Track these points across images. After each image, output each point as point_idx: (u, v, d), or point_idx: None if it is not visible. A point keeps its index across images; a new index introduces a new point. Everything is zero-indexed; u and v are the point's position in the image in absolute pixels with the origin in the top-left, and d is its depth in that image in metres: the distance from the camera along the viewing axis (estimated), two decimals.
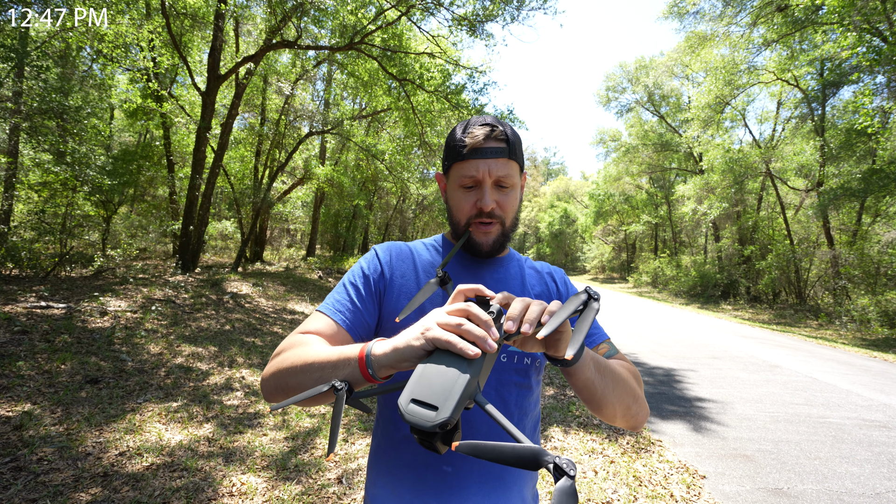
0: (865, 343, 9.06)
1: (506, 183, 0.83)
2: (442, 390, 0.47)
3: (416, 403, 0.47)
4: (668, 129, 23.56)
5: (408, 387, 0.49)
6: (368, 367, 0.59)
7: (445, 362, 0.50)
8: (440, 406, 0.46)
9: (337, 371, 0.62)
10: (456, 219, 0.87)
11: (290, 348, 0.74)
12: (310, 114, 13.72)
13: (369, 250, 0.94)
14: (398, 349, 0.56)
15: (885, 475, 2.96)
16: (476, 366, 0.50)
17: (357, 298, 0.84)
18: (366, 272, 0.87)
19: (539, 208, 48.35)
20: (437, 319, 0.55)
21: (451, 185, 0.87)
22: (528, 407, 0.86)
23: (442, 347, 0.52)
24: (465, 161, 0.82)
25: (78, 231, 8.28)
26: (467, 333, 0.52)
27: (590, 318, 0.56)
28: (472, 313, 0.55)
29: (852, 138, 12.15)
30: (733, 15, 13.41)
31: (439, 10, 9.35)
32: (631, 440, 3.38)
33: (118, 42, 8.46)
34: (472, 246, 0.87)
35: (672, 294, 19.24)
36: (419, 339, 0.54)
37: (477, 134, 0.80)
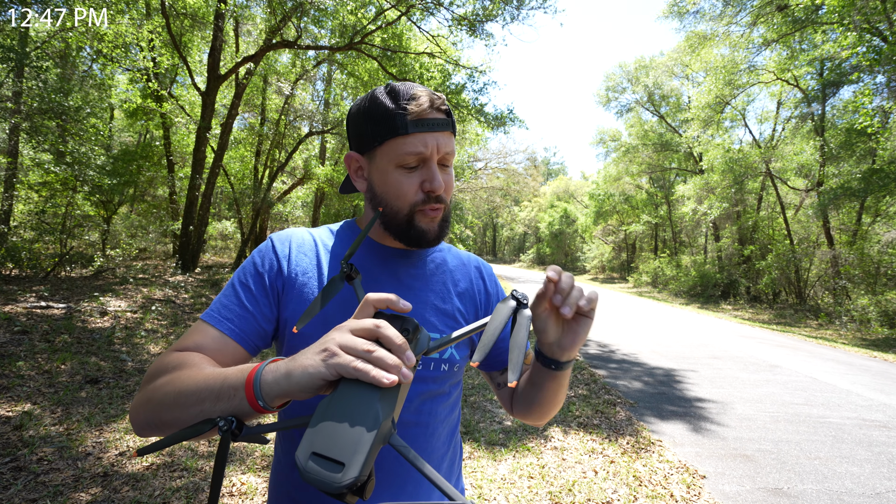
0: (865, 343, 9.06)
1: (448, 161, 0.72)
2: (349, 440, 0.39)
3: (318, 458, 0.39)
4: (668, 129, 23.56)
5: (306, 436, 0.40)
6: (258, 397, 0.48)
7: (352, 397, 0.42)
8: (346, 462, 0.38)
9: (220, 403, 0.50)
10: (395, 207, 0.71)
11: (164, 373, 0.60)
12: (310, 114, 13.72)
13: (266, 240, 0.78)
14: (292, 376, 0.46)
15: (885, 475, 2.96)
16: (389, 399, 0.43)
17: (248, 300, 0.69)
18: (259, 268, 0.72)
19: (539, 208, 48.34)
20: (341, 342, 0.45)
21: (381, 164, 0.70)
22: (443, 413, 0.77)
23: (349, 376, 0.43)
24: (408, 136, 0.67)
25: (78, 231, 8.28)
26: (378, 361, 0.44)
27: (525, 332, 0.50)
28: (384, 335, 0.46)
29: (852, 138, 12.15)
30: (733, 14, 13.41)
31: (439, 9, 9.35)
32: (631, 440, 3.38)
33: (118, 42, 8.46)
34: (413, 235, 0.72)
35: (672, 294, 19.25)
36: (319, 366, 0.44)
37: (422, 101, 0.67)
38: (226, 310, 0.68)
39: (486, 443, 3.22)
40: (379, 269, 0.76)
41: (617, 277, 30.85)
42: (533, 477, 2.77)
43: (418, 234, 0.72)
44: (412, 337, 0.49)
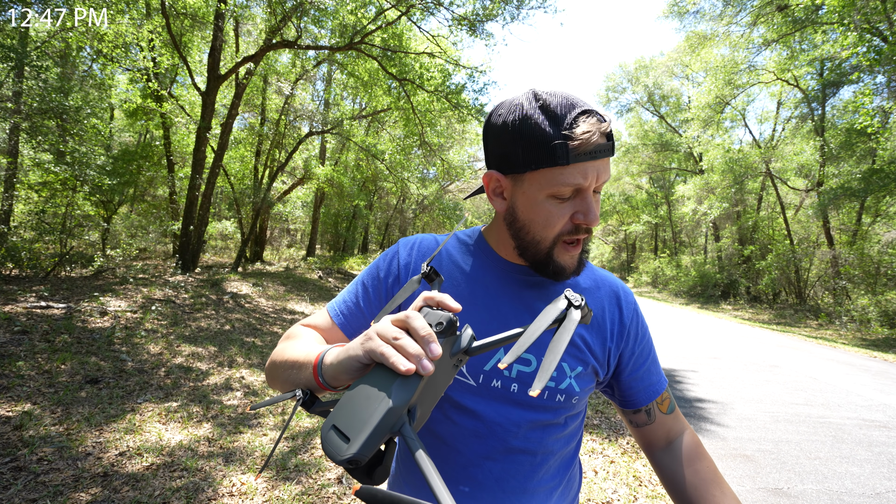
0: (865, 343, 9.06)
1: (601, 188, 0.66)
2: (358, 418, 0.41)
3: (335, 430, 0.41)
4: (668, 129, 23.56)
5: (333, 410, 0.44)
6: (320, 374, 0.54)
7: (374, 381, 0.44)
8: (352, 438, 0.40)
9: (301, 373, 0.58)
10: (540, 235, 0.66)
11: (287, 339, 0.73)
12: (310, 114, 13.73)
13: (395, 243, 0.81)
14: (339, 358, 0.51)
15: (885, 475, 2.96)
16: (406, 387, 0.43)
17: (363, 300, 0.76)
18: (380, 273, 0.77)
19: None
20: (378, 329, 0.48)
21: (531, 191, 0.64)
22: (555, 445, 0.72)
23: (377, 360, 0.46)
24: (567, 166, 0.60)
25: (78, 231, 8.28)
26: (400, 348, 0.45)
27: (568, 334, 0.47)
28: (411, 325, 0.46)
29: (852, 138, 12.15)
30: (733, 14, 13.42)
31: (439, 9, 9.35)
32: (631, 440, 3.38)
33: (118, 42, 8.46)
34: (551, 271, 0.68)
35: (672, 294, 19.24)
36: (357, 349, 0.49)
37: (590, 132, 0.59)
38: (343, 304, 0.77)
39: None
40: (500, 283, 0.72)
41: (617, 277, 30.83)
42: None
43: (556, 270, 0.68)
44: (446, 332, 0.48)
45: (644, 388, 0.79)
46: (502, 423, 0.68)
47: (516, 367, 0.69)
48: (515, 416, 0.68)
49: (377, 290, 0.76)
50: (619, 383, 0.79)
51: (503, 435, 0.69)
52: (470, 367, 0.69)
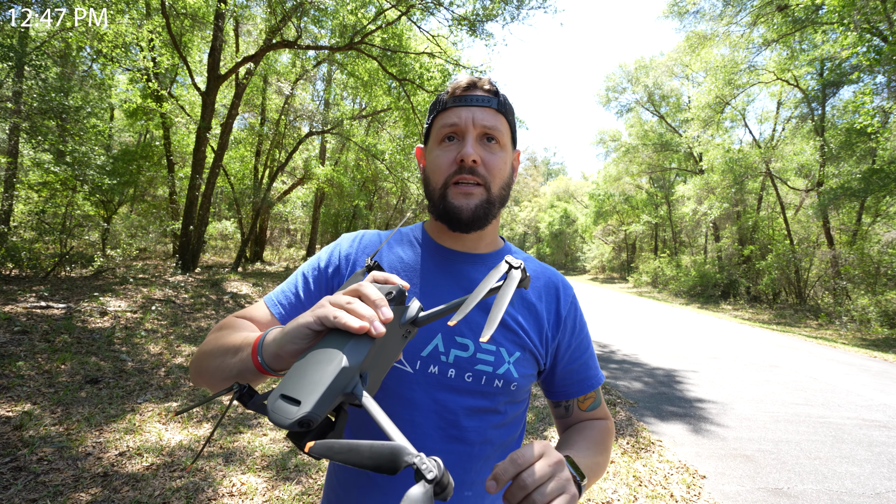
0: (865, 343, 9.06)
1: (493, 135, 0.71)
2: (309, 381, 0.40)
3: (283, 399, 0.40)
4: (668, 129, 23.56)
5: (281, 381, 0.43)
6: (260, 353, 0.52)
7: (325, 346, 0.44)
8: (303, 400, 0.39)
9: (235, 356, 0.56)
10: (434, 181, 0.72)
11: (220, 329, 0.68)
12: (310, 114, 13.73)
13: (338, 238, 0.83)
14: (286, 329, 0.50)
15: (885, 475, 2.96)
16: (358, 349, 0.44)
17: (304, 292, 0.74)
18: (321, 264, 0.77)
19: (539, 208, 48.35)
20: (330, 299, 0.49)
21: (430, 146, 0.74)
22: (494, 435, 0.71)
23: (329, 325, 0.46)
24: (447, 110, 0.71)
25: (78, 231, 8.27)
26: (352, 310, 0.46)
27: (510, 290, 0.50)
28: (364, 292, 0.48)
29: (852, 138, 12.15)
30: (733, 14, 13.41)
31: (439, 9, 9.34)
32: (631, 440, 3.38)
33: (118, 42, 8.46)
34: (447, 213, 0.70)
35: (672, 294, 19.24)
36: (307, 316, 0.48)
37: (460, 80, 0.72)
38: (283, 296, 0.74)
39: None
40: (438, 270, 0.75)
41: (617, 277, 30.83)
42: None
43: (452, 211, 0.70)
44: (395, 301, 0.50)
45: (577, 382, 0.80)
46: (438, 410, 0.68)
47: (454, 352, 0.69)
48: (452, 402, 0.68)
49: (318, 281, 0.75)
50: (553, 374, 0.79)
51: (439, 423, 0.68)
52: (407, 353, 0.68)
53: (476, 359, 0.69)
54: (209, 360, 0.62)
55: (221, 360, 0.58)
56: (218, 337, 0.64)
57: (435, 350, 0.68)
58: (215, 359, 0.60)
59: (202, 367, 0.63)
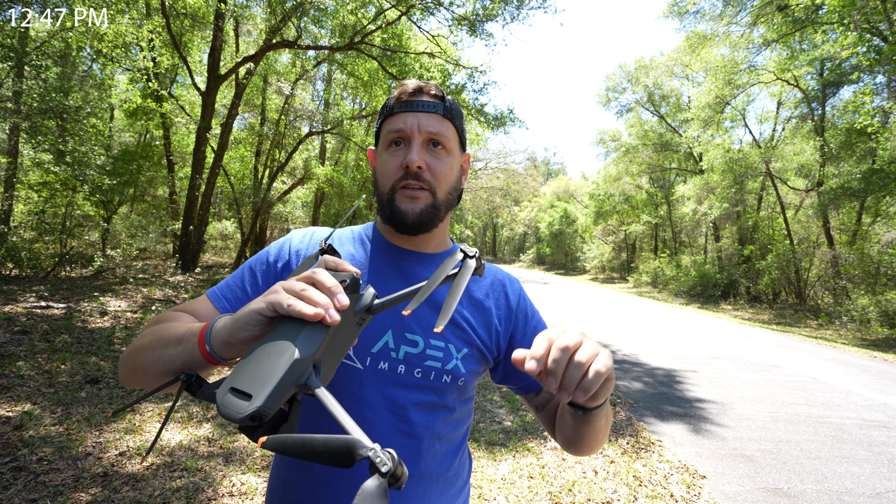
0: (865, 343, 9.06)
1: (439, 140, 0.72)
2: (262, 373, 0.39)
3: (233, 392, 0.38)
4: (668, 129, 23.55)
5: (231, 373, 0.41)
6: (208, 341, 0.50)
7: (278, 335, 0.43)
8: (254, 394, 0.38)
9: (178, 347, 0.53)
10: (382, 185, 0.73)
11: (158, 323, 0.64)
12: (310, 114, 13.73)
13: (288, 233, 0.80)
14: (236, 316, 0.48)
15: (885, 475, 2.96)
16: (312, 338, 0.42)
17: (250, 286, 0.72)
18: (270, 258, 0.75)
19: (539, 208, 48.34)
20: (283, 285, 0.47)
21: (379, 150, 0.76)
22: (442, 429, 0.73)
23: (283, 312, 0.44)
24: (394, 115, 0.72)
25: (78, 231, 8.28)
26: (306, 298, 0.44)
27: (465, 279, 0.50)
28: (318, 279, 0.47)
29: (852, 138, 12.15)
30: (733, 14, 13.41)
31: (439, 9, 9.34)
32: (631, 440, 3.38)
33: (118, 42, 8.46)
34: (394, 216, 0.72)
35: (672, 294, 19.24)
36: (259, 303, 0.46)
37: (406, 85, 0.73)
38: (228, 289, 0.72)
39: (486, 443, 3.22)
40: (389, 268, 0.76)
41: (617, 277, 30.83)
42: (533, 477, 2.77)
43: (396, 215, 0.71)
44: (350, 288, 0.50)
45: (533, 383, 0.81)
46: (388, 406, 0.68)
47: (404, 348, 0.70)
48: (402, 398, 0.69)
49: (266, 275, 0.73)
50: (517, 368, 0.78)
51: (389, 419, 0.68)
52: (357, 350, 0.68)
53: (426, 355, 0.70)
54: (146, 354, 0.57)
55: (162, 351, 0.54)
56: (156, 330, 0.60)
57: (385, 346, 0.69)
58: (154, 351, 0.56)
59: (137, 363, 0.59)
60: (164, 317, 0.66)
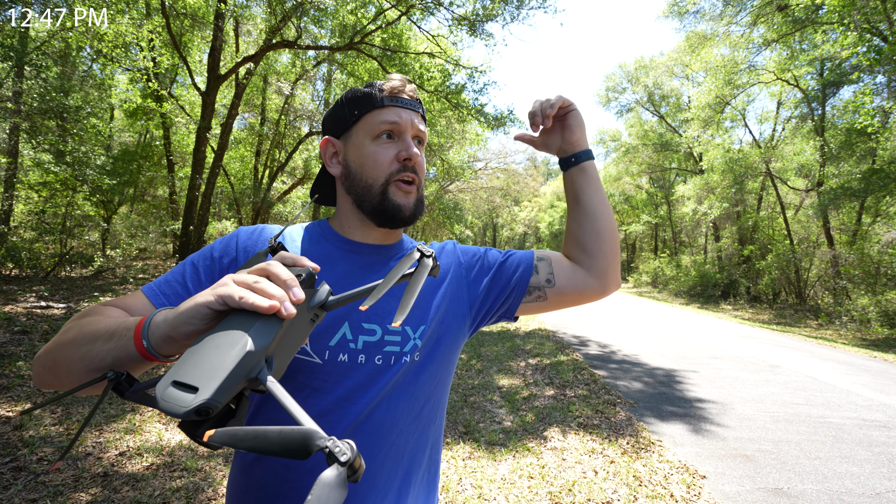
0: (865, 343, 9.06)
1: (422, 138, 0.75)
2: (209, 366, 0.37)
3: (176, 386, 0.36)
4: (668, 129, 23.55)
5: (173, 367, 0.38)
6: (146, 336, 0.46)
7: (228, 328, 0.40)
8: (201, 386, 0.35)
9: (109, 342, 0.49)
10: (370, 178, 0.71)
11: (84, 317, 0.58)
12: (310, 114, 13.73)
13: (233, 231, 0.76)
14: (180, 310, 0.45)
15: (885, 475, 2.96)
16: (265, 331, 0.41)
17: (192, 282, 0.67)
18: (214, 254, 0.70)
19: (539, 208, 48.31)
20: (234, 277, 0.45)
21: (358, 139, 0.72)
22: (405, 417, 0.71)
23: (233, 305, 0.42)
24: (384, 108, 0.71)
25: (78, 231, 8.28)
26: (261, 290, 0.43)
27: (422, 277, 0.50)
28: (272, 272, 0.45)
29: (852, 138, 12.15)
30: (733, 14, 13.41)
31: (439, 9, 9.34)
32: (631, 440, 3.38)
33: (118, 42, 8.46)
34: (387, 210, 0.71)
35: (672, 294, 19.24)
36: (206, 296, 0.44)
37: (396, 81, 0.72)
38: (167, 285, 0.66)
39: (486, 443, 3.22)
40: (347, 264, 0.73)
41: None
42: (533, 477, 2.77)
43: (393, 209, 0.71)
44: (305, 284, 0.48)
45: (520, 278, 0.82)
46: (349, 397, 0.67)
47: (362, 338, 0.69)
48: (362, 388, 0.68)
49: (209, 271, 0.68)
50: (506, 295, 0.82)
51: (351, 409, 0.67)
52: (314, 344, 0.67)
53: (384, 341, 0.70)
54: (69, 350, 0.52)
55: (88, 347, 0.50)
56: (82, 324, 0.54)
57: (343, 338, 0.68)
58: (79, 347, 0.51)
59: (58, 360, 0.53)
60: (92, 310, 0.60)
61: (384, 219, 0.72)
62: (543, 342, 6.88)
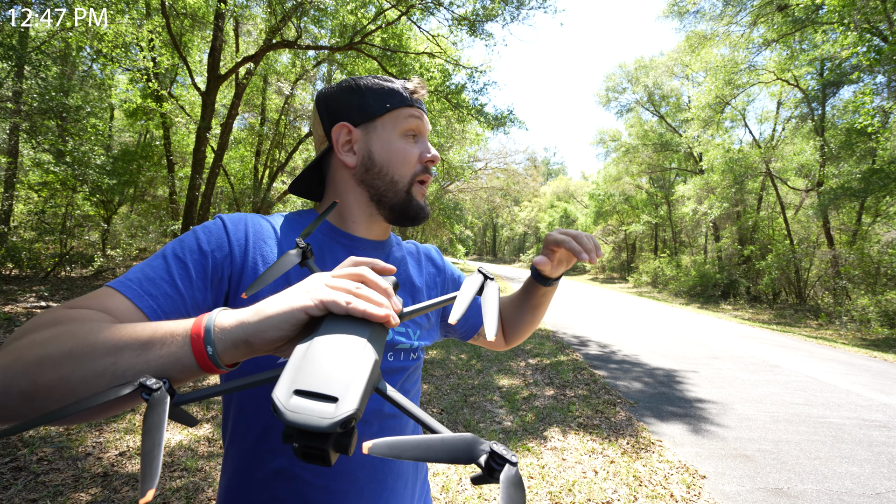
0: (865, 343, 9.06)
1: None
2: (341, 373, 0.34)
3: (302, 395, 0.32)
4: (668, 129, 23.56)
5: (286, 372, 0.34)
6: (208, 342, 0.39)
7: (340, 334, 0.37)
8: (341, 395, 0.32)
9: (146, 352, 0.39)
10: (399, 174, 0.69)
11: (47, 326, 0.44)
12: (310, 114, 13.72)
13: (214, 218, 0.65)
14: (263, 313, 0.40)
15: (885, 475, 2.96)
16: (378, 339, 0.39)
17: (181, 279, 0.55)
18: (203, 246, 0.59)
19: (539, 208, 48.34)
20: (326, 281, 0.42)
21: (384, 133, 0.69)
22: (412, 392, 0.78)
23: (339, 312, 0.39)
24: (411, 107, 0.70)
25: (78, 231, 8.28)
26: (368, 297, 0.41)
27: (497, 299, 0.52)
28: (370, 279, 0.43)
29: (852, 138, 12.15)
30: (733, 14, 13.42)
31: (439, 9, 9.34)
32: (631, 440, 3.38)
33: (118, 42, 8.46)
34: (408, 209, 0.71)
35: (672, 294, 19.24)
36: (301, 299, 0.40)
37: (417, 82, 0.72)
38: (150, 283, 0.53)
39: None
40: (347, 255, 0.71)
41: (617, 277, 30.83)
42: (533, 477, 2.77)
43: (416, 209, 0.72)
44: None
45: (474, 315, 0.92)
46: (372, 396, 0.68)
47: None
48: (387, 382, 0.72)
49: (200, 267, 0.58)
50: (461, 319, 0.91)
51: (371, 405, 0.67)
52: None
53: (395, 340, 0.72)
54: (69, 368, 0.39)
55: (110, 360, 0.39)
56: (73, 334, 0.41)
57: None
58: (90, 362, 0.39)
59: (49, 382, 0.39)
60: (68, 316, 0.46)
61: (405, 217, 0.72)
62: (543, 342, 6.88)
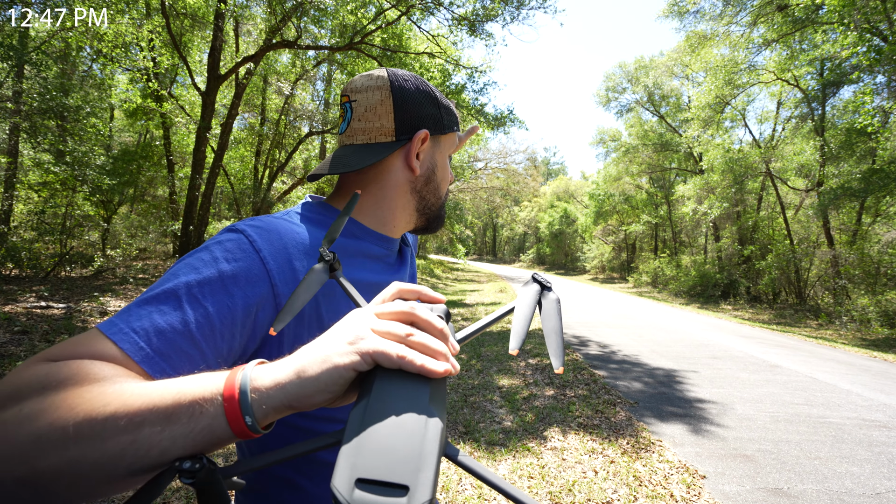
0: (865, 343, 9.06)
1: None
2: (406, 455, 0.28)
3: (367, 485, 0.27)
4: (668, 129, 23.56)
5: (344, 454, 0.29)
6: (246, 412, 0.33)
7: (396, 398, 0.31)
8: (411, 484, 0.27)
9: (174, 426, 0.32)
10: (443, 190, 0.73)
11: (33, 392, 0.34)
12: (310, 114, 13.73)
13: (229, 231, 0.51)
14: (307, 373, 0.34)
15: (885, 475, 2.96)
16: (440, 397, 0.33)
17: (201, 332, 0.43)
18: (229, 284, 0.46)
19: (539, 208, 48.34)
20: (372, 325, 0.36)
21: (443, 152, 0.71)
22: None
23: (390, 367, 0.33)
24: (455, 134, 0.73)
25: (78, 231, 8.28)
26: (423, 347, 0.34)
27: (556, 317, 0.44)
28: (422, 319, 0.36)
29: (852, 138, 12.16)
30: (733, 14, 13.42)
31: (439, 9, 9.34)
32: (631, 440, 3.38)
33: (118, 42, 8.46)
34: (437, 223, 0.75)
35: (672, 294, 19.24)
36: (349, 354, 0.34)
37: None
38: (164, 342, 0.41)
39: (485, 443, 3.22)
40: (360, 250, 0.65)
41: (617, 277, 30.83)
42: (533, 477, 2.77)
43: (440, 221, 0.76)
44: None
45: None
46: None
47: None
48: None
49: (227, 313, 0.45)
50: None
51: None
52: None
53: None
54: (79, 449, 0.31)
55: (128, 438, 0.31)
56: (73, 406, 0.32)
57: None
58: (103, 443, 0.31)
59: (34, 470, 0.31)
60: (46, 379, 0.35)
61: (436, 227, 0.76)
62: (543, 342, 6.88)
